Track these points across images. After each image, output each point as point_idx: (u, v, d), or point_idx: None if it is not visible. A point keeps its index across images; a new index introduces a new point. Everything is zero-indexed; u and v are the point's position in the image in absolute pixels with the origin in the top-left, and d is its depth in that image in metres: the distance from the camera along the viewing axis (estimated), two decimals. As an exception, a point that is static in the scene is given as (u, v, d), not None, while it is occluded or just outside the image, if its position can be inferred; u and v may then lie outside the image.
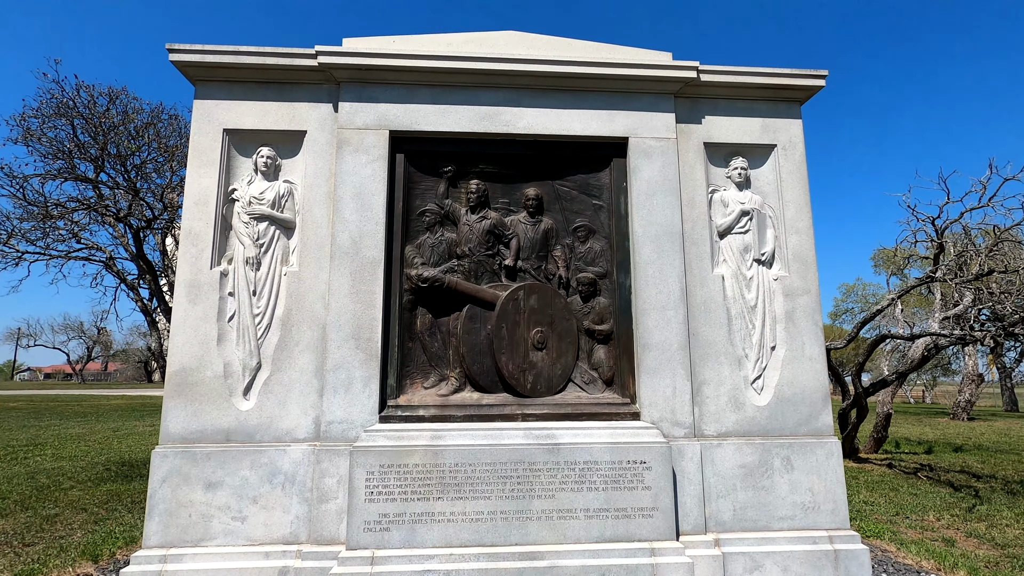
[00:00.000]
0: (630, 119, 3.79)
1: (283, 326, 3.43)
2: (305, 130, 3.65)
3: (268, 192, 3.56)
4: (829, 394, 3.70)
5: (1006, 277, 6.85)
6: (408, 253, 3.64)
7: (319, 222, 3.55)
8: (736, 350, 3.65)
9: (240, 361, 3.37)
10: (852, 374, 7.63)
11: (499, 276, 3.70)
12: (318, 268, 3.50)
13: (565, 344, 3.64)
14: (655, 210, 3.70)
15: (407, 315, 3.59)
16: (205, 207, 3.50)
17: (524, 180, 3.82)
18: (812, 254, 3.82)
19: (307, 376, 3.39)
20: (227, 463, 3.24)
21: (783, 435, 3.57)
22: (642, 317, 3.58)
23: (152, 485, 3.20)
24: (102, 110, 6.15)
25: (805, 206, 3.87)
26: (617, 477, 3.27)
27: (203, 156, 3.55)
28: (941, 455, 9.66)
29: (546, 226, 3.77)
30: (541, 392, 3.57)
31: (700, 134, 3.88)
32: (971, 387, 17.77)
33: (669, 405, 3.50)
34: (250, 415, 3.32)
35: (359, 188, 3.55)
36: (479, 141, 3.75)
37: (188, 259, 3.43)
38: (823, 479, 3.53)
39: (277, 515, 3.22)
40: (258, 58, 3.55)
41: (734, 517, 3.45)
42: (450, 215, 3.73)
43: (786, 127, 3.94)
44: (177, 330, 3.36)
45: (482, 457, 3.22)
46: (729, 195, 3.87)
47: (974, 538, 4.72)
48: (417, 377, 3.56)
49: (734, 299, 3.72)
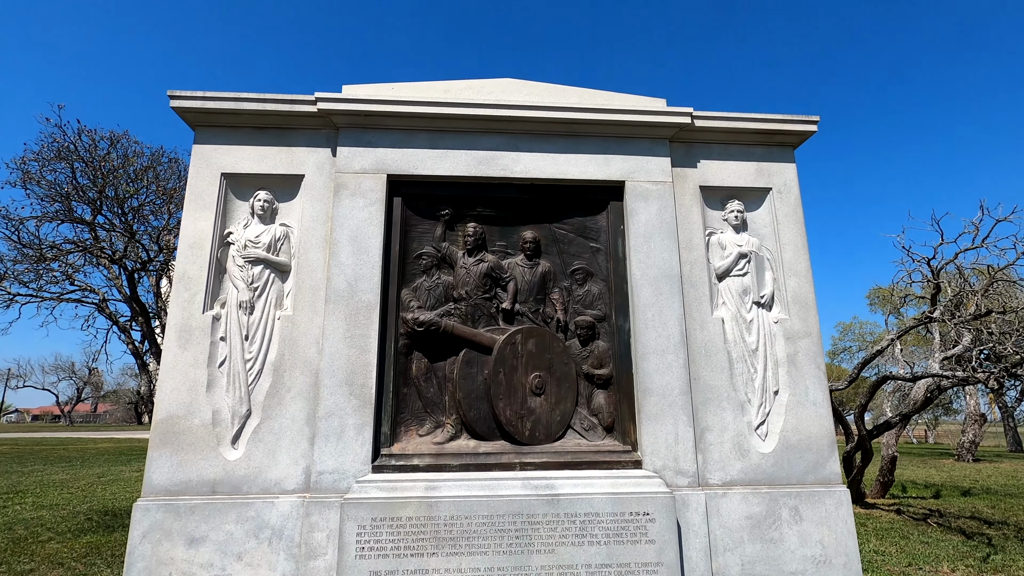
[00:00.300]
0: (626, 163, 3.83)
1: (275, 372, 3.35)
2: (303, 174, 3.66)
3: (264, 235, 3.54)
4: (835, 440, 3.60)
5: (1004, 317, 6.84)
6: (404, 296, 3.59)
7: (315, 265, 3.52)
8: (739, 395, 3.57)
9: (229, 408, 3.27)
10: (855, 415, 7.51)
11: (496, 319, 3.64)
12: (312, 312, 3.45)
13: (564, 389, 3.56)
14: (653, 253, 3.69)
15: (402, 360, 3.51)
16: (200, 250, 3.46)
17: (521, 223, 3.82)
18: (812, 296, 3.79)
19: (298, 424, 3.28)
20: (212, 517, 3.09)
21: (790, 483, 3.46)
22: (642, 361, 3.52)
23: (131, 541, 3.04)
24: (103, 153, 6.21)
25: (802, 248, 3.87)
26: (619, 530, 3.13)
27: (200, 200, 3.54)
28: (950, 499, 9.41)
29: (544, 269, 3.74)
30: (540, 439, 3.47)
31: (696, 177, 3.91)
32: (974, 427, 17.53)
33: (672, 453, 3.40)
34: (238, 465, 3.20)
35: (356, 231, 3.53)
36: (476, 185, 3.77)
37: (180, 303, 3.38)
38: (833, 530, 3.39)
39: (263, 573, 3.06)
40: (258, 104, 3.59)
41: (742, 572, 3.29)
42: (447, 258, 3.70)
43: (780, 171, 3.98)
44: (166, 376, 3.28)
45: (479, 509, 3.09)
46: (726, 237, 3.87)
47: (991, 591, 4.53)
48: (412, 424, 3.46)
49: (735, 342, 3.66)
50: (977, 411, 17.11)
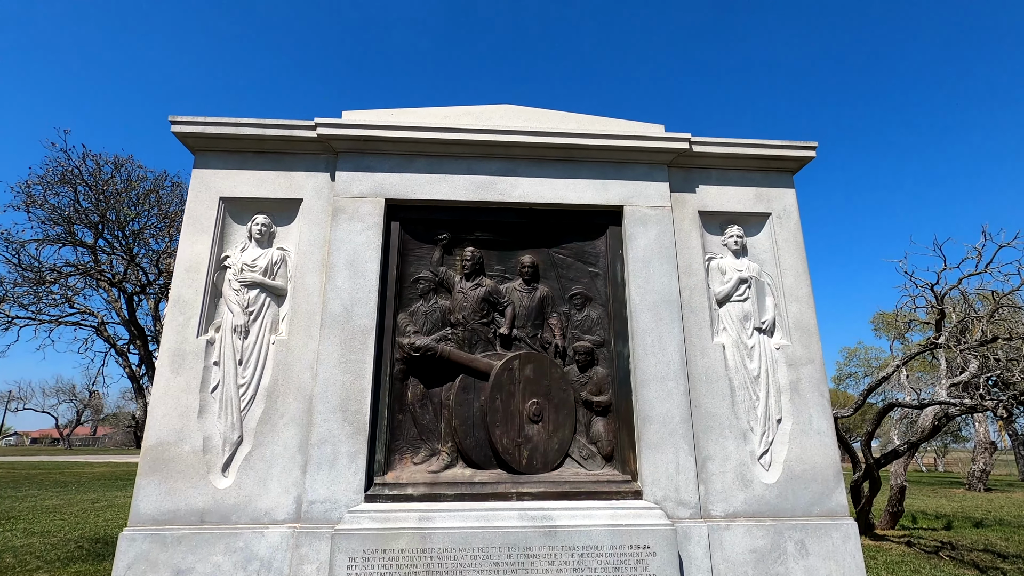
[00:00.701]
0: (625, 188, 3.82)
1: (268, 397, 3.29)
2: (301, 198, 3.66)
3: (261, 259, 3.52)
4: (841, 470, 3.51)
5: (1011, 343, 6.75)
6: (401, 321, 3.56)
7: (311, 290, 3.49)
8: (741, 423, 3.50)
9: (221, 434, 3.21)
10: (862, 443, 7.36)
11: (494, 345, 3.60)
12: (308, 337, 3.41)
13: (562, 416, 3.49)
14: (652, 278, 3.65)
15: (398, 386, 3.46)
16: (196, 274, 3.45)
17: (519, 248, 3.80)
18: (814, 322, 3.74)
19: (291, 451, 3.21)
20: (199, 548, 3.01)
21: (795, 516, 3.35)
22: (641, 388, 3.45)
23: (116, 572, 2.95)
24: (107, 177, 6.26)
25: (803, 273, 3.83)
26: (619, 563, 3.03)
27: (198, 223, 3.54)
28: (961, 531, 9.16)
29: (542, 294, 3.71)
30: (537, 468, 3.38)
31: (695, 203, 3.90)
32: (984, 456, 17.19)
33: (672, 483, 3.31)
34: (228, 494, 3.12)
35: (353, 255, 3.52)
36: (474, 209, 3.76)
37: (174, 327, 3.35)
38: (841, 565, 3.28)
39: (250, 607, 2.95)
40: (258, 129, 3.62)
41: (747, 609, 3.17)
42: (444, 282, 3.68)
43: (780, 196, 3.97)
44: (157, 402, 3.22)
45: (474, 541, 2.99)
46: (726, 263, 3.84)
47: (1008, 630, 4.36)
48: (407, 452, 3.38)
49: (736, 369, 3.60)
50: (987, 439, 16.80)
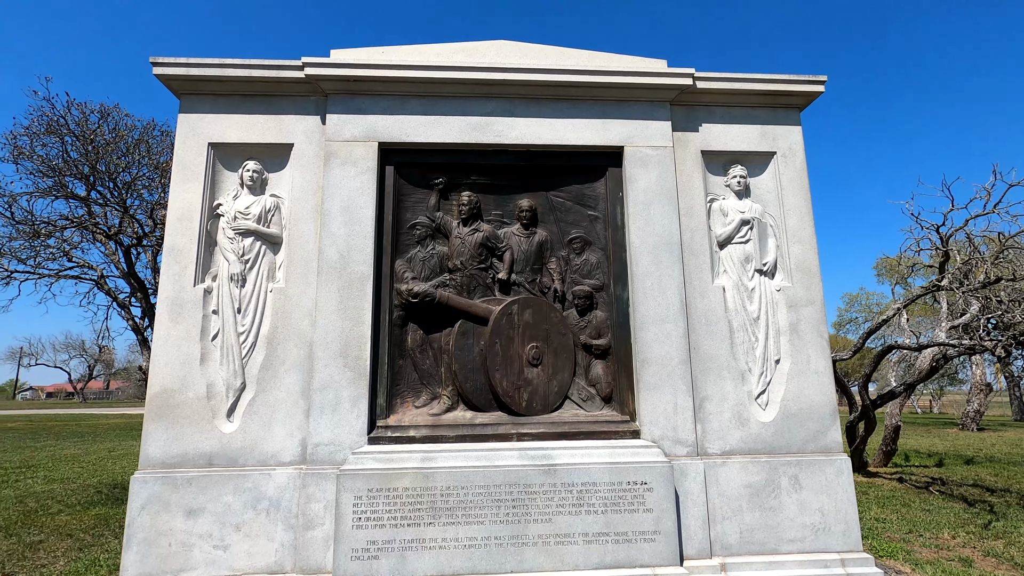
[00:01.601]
0: (625, 127, 3.70)
1: (268, 344, 3.31)
2: (292, 143, 3.56)
3: (254, 207, 3.46)
4: (837, 409, 3.56)
5: (1014, 285, 6.72)
6: (398, 267, 3.53)
7: (306, 237, 3.45)
8: (739, 364, 3.52)
9: (224, 381, 3.25)
10: (859, 386, 7.46)
11: (492, 290, 3.58)
12: (305, 284, 3.39)
13: (561, 360, 3.51)
14: (652, 220, 3.59)
15: (397, 332, 3.47)
16: (189, 222, 3.40)
17: (517, 191, 3.72)
18: (816, 263, 3.70)
19: (293, 396, 3.26)
20: (209, 488, 3.10)
21: (790, 452, 3.42)
22: (641, 331, 3.46)
23: (130, 513, 3.06)
24: (94, 127, 6.10)
25: (807, 214, 3.76)
26: (617, 499, 3.12)
27: (187, 170, 3.46)
28: (952, 468, 9.42)
29: (540, 238, 3.66)
30: (537, 410, 3.44)
31: (697, 142, 3.78)
32: (979, 397, 17.50)
33: (670, 422, 3.36)
34: (234, 438, 3.19)
35: (347, 201, 3.45)
36: (471, 152, 3.66)
37: (171, 276, 3.33)
38: (833, 498, 3.37)
39: (261, 543, 3.07)
40: (243, 70, 3.48)
41: (740, 540, 3.29)
42: (441, 228, 3.62)
43: (785, 134, 3.84)
44: (159, 350, 3.25)
45: (475, 480, 3.08)
46: (728, 204, 3.76)
47: (992, 557, 4.53)
48: (408, 396, 3.43)
49: (736, 311, 3.59)
50: (983, 381, 17.06)
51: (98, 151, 5.89)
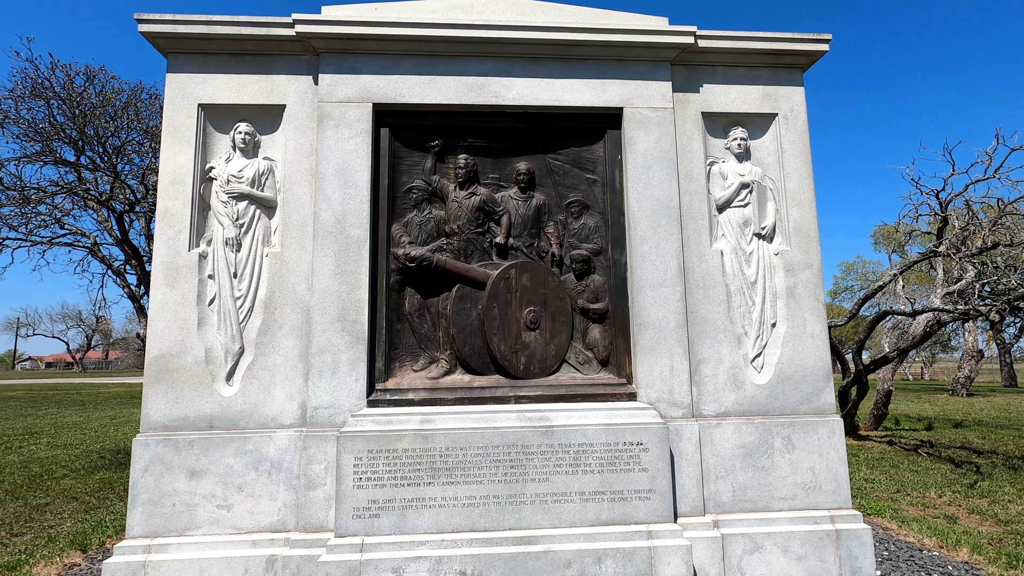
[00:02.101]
0: (624, 88, 3.63)
1: (266, 309, 3.31)
2: (284, 104, 3.48)
3: (247, 170, 3.41)
4: (831, 371, 3.60)
5: (1011, 251, 6.73)
6: (395, 232, 3.50)
7: (301, 200, 3.41)
8: (735, 327, 3.54)
9: (222, 346, 3.26)
10: (853, 351, 7.55)
11: (490, 254, 3.57)
12: (301, 248, 3.37)
13: (559, 324, 3.52)
14: (651, 183, 3.56)
15: (395, 296, 3.46)
16: (181, 186, 3.35)
17: (515, 154, 3.67)
18: (814, 227, 3.68)
19: (292, 360, 3.27)
20: (211, 451, 3.14)
21: (784, 414, 3.47)
22: (638, 295, 3.46)
23: (134, 474, 3.10)
24: (80, 90, 5.95)
25: (807, 178, 3.72)
26: (613, 459, 3.17)
27: (177, 132, 3.39)
28: (941, 431, 9.63)
29: (538, 202, 3.63)
30: (534, 373, 3.46)
31: (698, 103, 3.72)
32: (971, 363, 17.76)
33: (666, 385, 3.40)
34: (234, 401, 3.21)
35: (342, 164, 3.40)
36: (467, 113, 3.59)
37: (165, 241, 3.30)
38: (825, 458, 3.44)
39: (264, 503, 3.13)
40: (232, 28, 3.37)
41: (733, 498, 3.36)
42: (438, 192, 3.58)
43: (788, 95, 3.78)
44: (156, 315, 3.24)
45: (474, 441, 3.12)
46: (728, 167, 3.72)
47: (976, 515, 4.67)
48: (406, 360, 3.45)
49: (733, 275, 3.59)
50: (975, 347, 17.28)
51: (85, 115, 5.76)
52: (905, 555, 3.74)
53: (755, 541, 3.26)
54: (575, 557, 3.01)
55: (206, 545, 3.05)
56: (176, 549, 3.03)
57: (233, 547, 3.06)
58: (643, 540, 3.07)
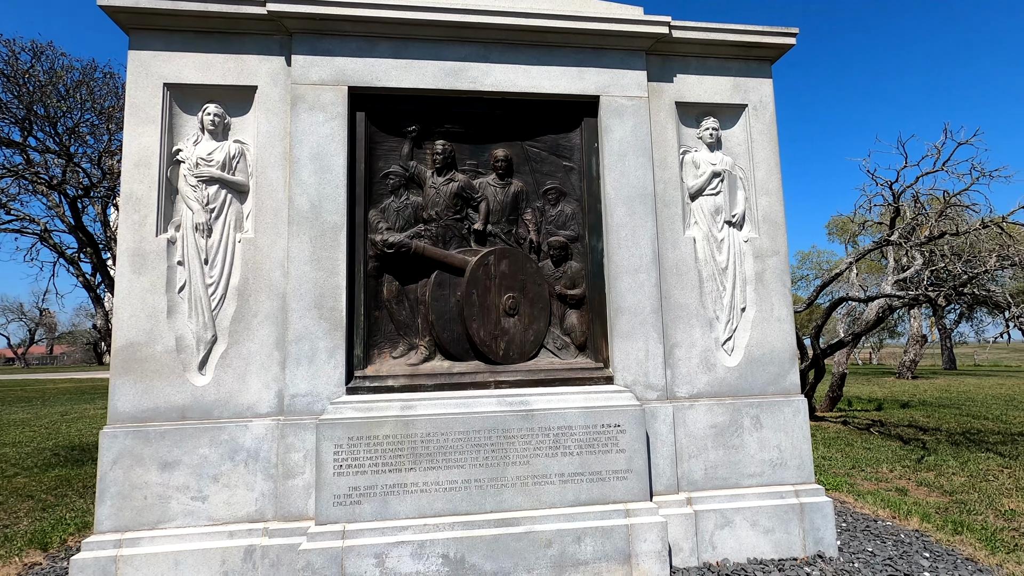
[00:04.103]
0: (601, 76, 3.67)
1: (239, 296, 3.23)
2: (255, 85, 3.38)
3: (217, 153, 3.30)
4: (796, 353, 3.76)
5: (956, 240, 7.15)
6: (372, 218, 3.46)
7: (275, 185, 3.33)
8: (707, 312, 3.65)
9: (194, 334, 3.17)
10: (811, 336, 7.89)
11: (468, 241, 3.57)
12: (275, 234, 3.29)
13: (537, 310, 3.56)
14: (627, 171, 3.62)
15: (373, 283, 3.43)
16: (147, 169, 3.22)
17: (492, 141, 3.66)
18: (781, 215, 3.82)
19: (268, 348, 3.21)
20: (184, 441, 3.06)
21: (752, 395, 3.62)
22: (615, 281, 3.53)
23: (102, 467, 3.00)
24: (26, 67, 5.59)
25: (775, 167, 3.86)
26: (591, 441, 3.25)
27: (142, 113, 3.25)
28: (890, 411, 10.17)
29: (516, 189, 3.64)
30: (514, 359, 3.50)
31: (672, 93, 3.79)
32: (915, 347, 18.76)
33: (642, 368, 3.49)
34: (207, 391, 3.13)
35: (317, 148, 3.33)
36: (445, 99, 3.57)
37: (130, 226, 3.17)
38: (790, 436, 3.60)
39: (241, 493, 3.08)
40: (199, 4, 3.24)
41: (705, 476, 3.49)
42: (415, 178, 3.55)
43: (757, 86, 3.89)
44: (122, 303, 3.12)
45: (455, 426, 3.14)
46: (700, 156, 3.82)
47: (924, 487, 4.98)
48: (385, 347, 3.43)
49: (705, 261, 3.70)
50: (919, 333, 18.25)
51: (32, 93, 5.42)
52: (862, 526, 3.96)
53: (726, 516, 3.40)
54: (555, 537, 3.08)
55: (181, 538, 2.98)
56: (149, 543, 2.95)
57: (209, 539, 3.00)
58: (621, 519, 3.16)
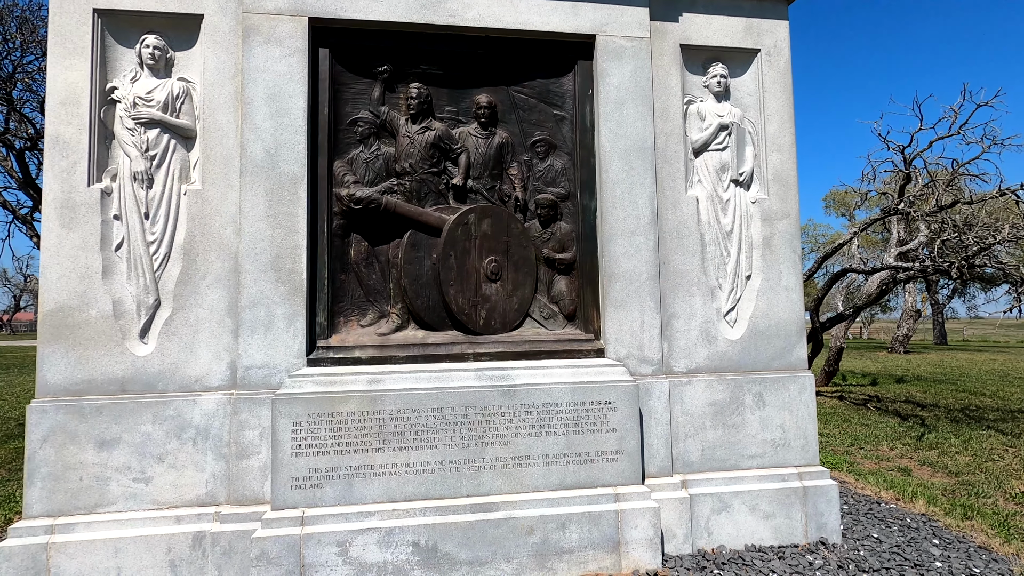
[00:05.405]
0: (598, 13, 3.25)
1: (186, 256, 2.86)
2: (201, 14, 2.94)
3: (158, 91, 2.89)
4: (804, 326, 3.46)
5: (970, 209, 6.83)
6: (337, 170, 3.08)
7: (225, 130, 2.92)
8: (709, 280, 3.32)
9: (133, 297, 2.81)
10: (811, 309, 7.62)
11: (446, 197, 3.20)
12: (226, 186, 2.91)
13: (522, 275, 3.22)
14: (625, 122, 3.23)
15: (338, 243, 3.07)
16: (75, 108, 2.80)
17: (474, 85, 3.26)
18: (793, 174, 3.47)
19: (218, 314, 2.86)
20: (124, 417, 2.73)
21: (755, 370, 3.32)
22: (608, 244, 3.18)
23: (30, 446, 2.67)
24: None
25: (788, 120, 3.48)
26: (579, 420, 2.95)
27: (68, 43, 2.82)
28: (886, 386, 10.02)
29: (500, 140, 3.26)
30: (495, 329, 3.17)
31: (677, 35, 3.38)
32: (909, 322, 18.66)
33: (636, 340, 3.17)
34: (150, 361, 2.79)
35: (273, 89, 2.92)
36: (420, 35, 3.15)
37: (57, 173, 2.77)
38: (795, 415, 3.33)
39: (189, 474, 2.77)
40: (131, -86, 2.78)
41: (702, 457, 3.22)
42: (387, 125, 3.16)
43: (771, 29, 3.48)
44: (50, 261, 2.75)
45: (428, 402, 2.83)
46: (706, 107, 3.43)
47: (927, 467, 4.76)
48: (352, 314, 3.09)
49: (708, 224, 3.36)
50: (913, 307, 18.12)
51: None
52: (864, 508, 3.73)
53: (723, 501, 3.14)
54: (538, 523, 2.80)
55: (121, 523, 2.68)
56: (85, 528, 2.65)
57: (153, 524, 2.70)
58: (610, 503, 2.89)
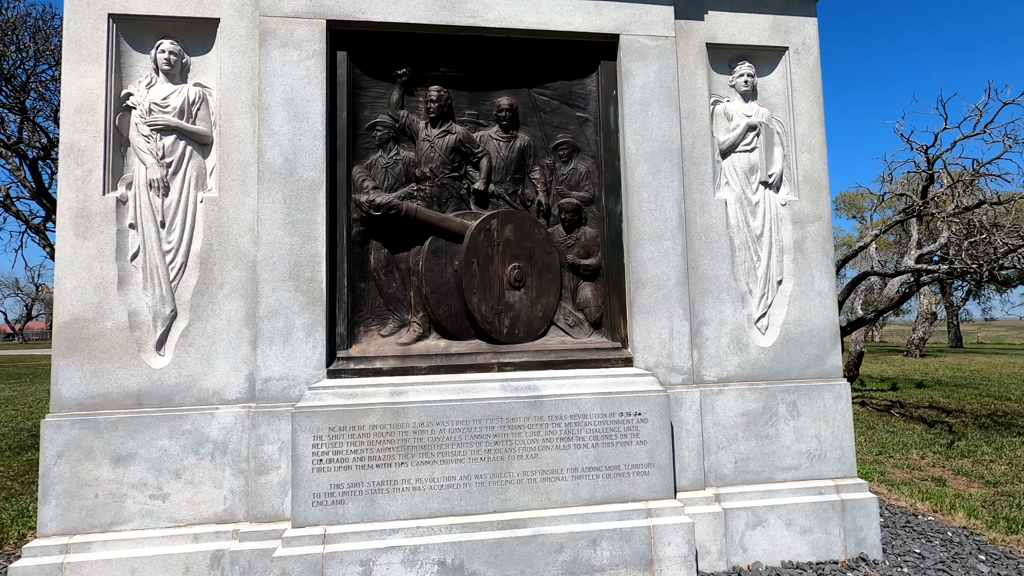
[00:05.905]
0: (621, 12, 3.16)
1: (202, 265, 2.79)
2: (218, 18, 2.88)
3: (174, 97, 2.82)
4: (839, 332, 3.33)
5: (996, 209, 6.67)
6: (356, 175, 3.00)
7: (242, 136, 2.85)
8: (739, 285, 3.21)
9: (150, 308, 2.73)
10: (831, 313, 7.45)
11: (467, 202, 3.11)
12: (243, 193, 2.84)
13: (546, 282, 3.12)
14: (650, 123, 3.14)
15: (357, 250, 2.98)
16: (90, 115, 2.74)
17: (495, 87, 3.18)
18: (825, 175, 3.36)
19: (236, 325, 2.78)
20: (140, 432, 2.65)
21: (789, 378, 3.20)
22: (635, 249, 3.08)
23: (45, 462, 2.60)
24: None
25: (818, 120, 3.38)
26: (609, 432, 2.84)
27: (83, 49, 2.76)
28: (906, 391, 9.81)
29: (522, 143, 3.17)
30: (519, 337, 3.07)
31: (702, 33, 3.29)
32: (925, 325, 18.37)
33: (665, 349, 3.06)
34: (166, 374, 2.72)
35: (291, 93, 2.85)
36: (440, 37, 3.07)
37: (72, 182, 2.71)
38: (831, 425, 3.20)
39: (207, 490, 2.68)
40: (147, -83, 2.73)
41: (735, 469, 3.10)
42: (406, 129, 3.08)
43: (800, 26, 3.38)
44: (65, 272, 2.68)
45: (452, 414, 2.73)
46: (733, 107, 3.33)
47: (963, 476, 4.60)
48: (372, 324, 3.00)
49: (738, 227, 3.25)
50: (929, 310, 17.85)
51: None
52: (901, 521, 3.59)
53: (758, 515, 3.02)
54: (567, 540, 2.69)
55: (138, 541, 2.59)
56: (101, 547, 2.56)
57: (171, 543, 2.61)
58: (642, 519, 2.77)
